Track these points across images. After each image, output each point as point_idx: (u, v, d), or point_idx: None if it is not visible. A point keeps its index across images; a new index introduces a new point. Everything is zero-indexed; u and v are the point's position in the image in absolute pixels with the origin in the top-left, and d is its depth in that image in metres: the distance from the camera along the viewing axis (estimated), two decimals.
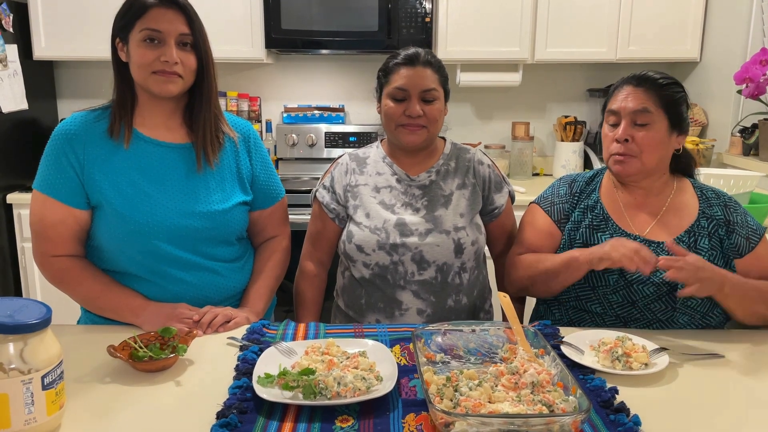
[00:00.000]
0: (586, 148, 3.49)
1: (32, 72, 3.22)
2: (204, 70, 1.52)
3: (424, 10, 3.12)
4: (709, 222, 1.55)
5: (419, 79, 1.63)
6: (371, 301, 1.69)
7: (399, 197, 1.70)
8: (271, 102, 3.63)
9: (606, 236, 1.56)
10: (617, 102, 1.55)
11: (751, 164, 2.75)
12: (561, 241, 1.63)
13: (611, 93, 1.61)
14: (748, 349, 1.40)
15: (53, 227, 1.49)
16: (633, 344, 1.31)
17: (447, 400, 1.07)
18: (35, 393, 1.00)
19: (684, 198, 1.60)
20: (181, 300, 1.52)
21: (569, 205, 1.65)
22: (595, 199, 1.63)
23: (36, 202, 1.50)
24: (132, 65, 1.48)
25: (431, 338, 1.32)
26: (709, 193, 1.61)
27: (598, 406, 1.13)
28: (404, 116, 1.64)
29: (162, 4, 1.45)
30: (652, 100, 1.52)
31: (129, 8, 1.47)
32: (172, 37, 1.45)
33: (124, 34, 1.48)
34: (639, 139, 1.52)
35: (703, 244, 1.53)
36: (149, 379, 1.23)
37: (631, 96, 1.53)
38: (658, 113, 1.52)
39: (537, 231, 1.66)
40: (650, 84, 1.53)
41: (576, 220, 1.62)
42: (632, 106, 1.52)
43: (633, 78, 1.56)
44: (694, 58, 3.24)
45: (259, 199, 1.68)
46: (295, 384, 1.14)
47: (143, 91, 1.51)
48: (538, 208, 1.69)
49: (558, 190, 1.69)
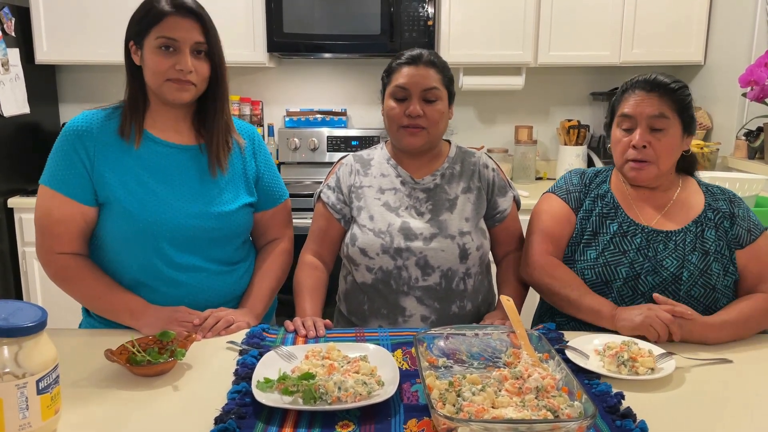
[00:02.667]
0: (589, 151, 3.47)
1: (34, 76, 3.22)
2: (218, 77, 1.53)
3: (426, 13, 3.11)
4: (715, 214, 1.57)
5: (421, 78, 1.62)
6: (374, 307, 1.67)
7: (403, 200, 1.69)
8: (273, 106, 3.62)
9: (614, 225, 1.58)
10: (631, 106, 1.55)
11: (756, 167, 2.73)
12: (574, 230, 1.63)
13: (621, 96, 1.60)
14: (757, 354, 1.38)
15: (60, 223, 1.49)
16: (639, 348, 1.29)
17: (449, 406, 1.05)
18: (30, 397, 0.98)
19: (689, 193, 1.63)
20: (181, 302, 1.52)
21: (582, 193, 1.66)
22: (605, 189, 1.65)
23: (43, 198, 1.50)
24: (146, 71, 1.49)
25: (434, 342, 1.30)
26: (714, 188, 1.64)
27: (603, 412, 1.11)
28: (405, 117, 1.62)
29: (179, 13, 1.46)
30: (667, 105, 1.52)
31: (146, 14, 1.47)
32: (187, 45, 1.46)
33: (139, 38, 1.48)
34: (656, 146, 1.53)
35: (709, 235, 1.55)
36: (147, 384, 1.21)
37: (647, 101, 1.53)
38: (673, 118, 1.53)
39: (555, 218, 1.66)
40: (663, 89, 1.53)
41: (587, 208, 1.64)
42: (649, 112, 1.52)
43: (644, 82, 1.55)
44: (699, 61, 3.23)
45: (263, 199, 1.68)
46: (294, 389, 1.12)
47: (155, 94, 1.52)
48: (554, 196, 1.69)
49: (571, 179, 1.70)
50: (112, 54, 3.06)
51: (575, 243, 1.62)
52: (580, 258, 1.59)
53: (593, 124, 3.56)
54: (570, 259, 1.62)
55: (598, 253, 1.57)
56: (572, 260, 1.61)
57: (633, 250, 1.55)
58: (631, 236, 1.57)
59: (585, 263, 1.58)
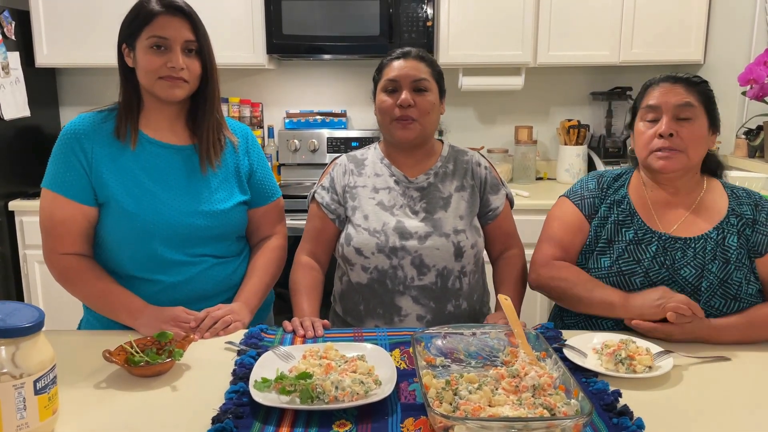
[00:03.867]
0: (589, 151, 3.47)
1: (34, 79, 3.23)
2: (208, 75, 1.56)
3: (425, 14, 3.11)
4: (739, 220, 1.52)
5: (410, 70, 1.64)
6: (370, 307, 1.67)
7: (397, 199, 1.69)
8: (272, 108, 3.63)
9: (630, 232, 1.54)
10: (655, 98, 1.52)
11: (756, 166, 2.72)
12: (587, 237, 1.60)
13: (644, 91, 1.58)
14: (754, 352, 1.38)
15: (62, 224, 1.52)
16: (637, 347, 1.29)
17: (446, 404, 1.05)
18: (27, 398, 0.98)
19: (714, 196, 1.57)
20: (177, 293, 1.55)
21: (598, 199, 1.62)
22: (622, 195, 1.60)
23: (45, 200, 1.53)
24: (139, 71, 1.52)
25: (431, 342, 1.30)
26: (740, 191, 1.58)
27: (600, 410, 1.11)
28: (396, 108, 1.63)
29: (168, 12, 1.49)
30: (694, 96, 1.51)
31: (136, 16, 1.50)
32: (178, 43, 1.49)
33: (131, 40, 1.51)
34: (684, 134, 1.49)
35: (731, 242, 1.49)
36: (145, 384, 1.22)
37: (672, 91, 1.51)
38: (699, 108, 1.51)
39: (566, 226, 1.62)
40: (687, 82, 1.52)
41: (603, 215, 1.59)
42: (675, 101, 1.50)
43: (668, 77, 1.54)
44: (698, 60, 3.22)
45: (255, 196, 1.70)
46: (292, 388, 1.13)
47: (149, 95, 1.55)
48: (568, 202, 1.65)
49: (587, 184, 1.65)
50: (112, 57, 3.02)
51: (589, 251, 1.58)
52: (594, 266, 1.56)
53: (593, 123, 3.56)
54: (583, 266, 1.58)
55: (612, 261, 1.53)
56: (585, 268, 1.57)
57: (648, 258, 1.50)
58: (647, 244, 1.51)
59: (599, 272, 1.54)
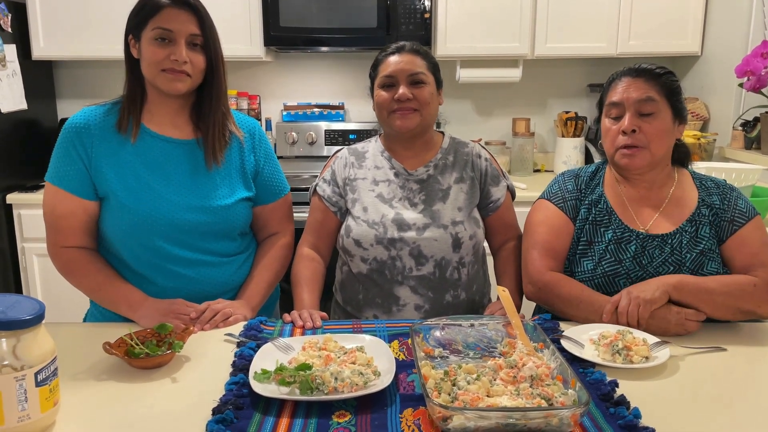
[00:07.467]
0: (587, 143, 3.47)
1: (31, 72, 3.22)
2: (214, 69, 1.55)
3: (423, 6, 3.11)
4: (709, 210, 1.53)
5: (406, 65, 1.65)
6: (369, 296, 1.68)
7: (396, 191, 1.69)
8: (270, 100, 3.62)
9: (609, 232, 1.54)
10: (618, 94, 1.53)
11: (753, 158, 2.73)
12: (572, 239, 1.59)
13: (608, 87, 1.58)
14: (750, 342, 1.39)
15: (63, 218, 1.53)
16: (633, 337, 1.30)
17: (445, 395, 1.06)
18: (29, 390, 0.99)
19: (685, 189, 1.58)
20: (179, 293, 1.54)
21: (578, 201, 1.61)
22: (599, 194, 1.60)
23: (48, 194, 1.55)
24: (143, 62, 1.52)
25: (430, 333, 1.31)
26: (708, 183, 1.59)
27: (597, 400, 1.12)
28: (394, 102, 1.64)
29: (175, 5, 1.49)
30: (655, 89, 1.50)
31: (142, 7, 1.50)
32: (182, 36, 1.49)
33: (137, 31, 1.51)
34: (646, 130, 1.49)
35: (704, 233, 1.51)
36: (145, 376, 1.22)
37: (633, 86, 1.51)
38: (662, 102, 1.50)
39: (553, 230, 1.59)
40: (648, 74, 1.51)
41: (582, 217, 1.59)
42: (636, 96, 1.50)
43: (629, 70, 1.54)
44: (695, 51, 3.22)
45: (262, 193, 1.69)
46: (291, 379, 1.13)
47: (152, 87, 1.54)
48: (550, 205, 1.63)
49: (565, 185, 1.64)
50: (109, 49, 3.08)
51: (571, 253, 1.58)
52: (578, 269, 1.55)
53: (591, 115, 3.56)
54: (567, 270, 1.57)
55: (595, 263, 1.53)
56: (570, 272, 1.57)
57: (628, 258, 1.51)
58: (626, 243, 1.52)
59: (583, 275, 1.53)
